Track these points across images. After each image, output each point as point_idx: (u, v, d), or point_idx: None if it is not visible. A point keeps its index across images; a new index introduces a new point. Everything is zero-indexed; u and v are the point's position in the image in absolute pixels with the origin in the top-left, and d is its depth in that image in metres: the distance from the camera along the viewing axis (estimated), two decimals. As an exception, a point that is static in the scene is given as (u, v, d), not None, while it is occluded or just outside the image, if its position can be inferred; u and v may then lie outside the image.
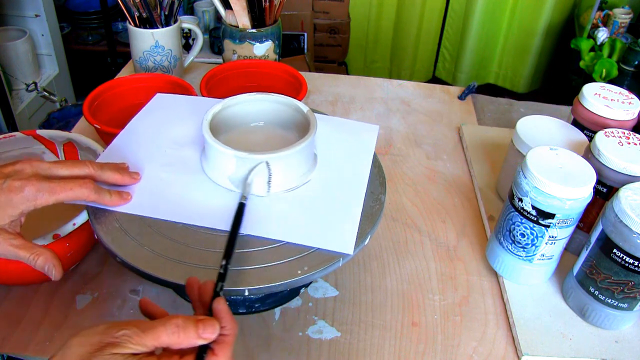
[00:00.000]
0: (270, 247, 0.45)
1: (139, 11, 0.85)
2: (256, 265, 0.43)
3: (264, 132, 0.57)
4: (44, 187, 0.43)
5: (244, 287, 0.42)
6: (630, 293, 0.50)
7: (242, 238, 0.45)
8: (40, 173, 0.44)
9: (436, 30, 2.37)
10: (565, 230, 0.53)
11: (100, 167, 0.47)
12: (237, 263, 0.43)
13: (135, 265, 0.43)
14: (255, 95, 0.56)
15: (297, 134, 0.55)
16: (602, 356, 0.52)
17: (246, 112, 0.56)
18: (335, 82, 1.00)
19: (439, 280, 0.60)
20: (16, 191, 0.42)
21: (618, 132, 0.57)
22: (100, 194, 0.46)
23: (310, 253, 0.45)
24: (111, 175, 0.47)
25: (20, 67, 1.87)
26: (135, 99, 0.80)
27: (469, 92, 0.96)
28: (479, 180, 0.74)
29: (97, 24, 2.25)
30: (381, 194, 0.52)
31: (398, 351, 0.52)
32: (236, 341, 0.52)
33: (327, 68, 2.26)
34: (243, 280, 0.42)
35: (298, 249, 0.45)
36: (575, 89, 0.71)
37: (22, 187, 0.42)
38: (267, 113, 0.57)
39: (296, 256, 0.44)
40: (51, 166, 0.45)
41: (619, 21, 1.83)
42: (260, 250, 0.45)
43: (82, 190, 0.44)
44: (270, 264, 0.44)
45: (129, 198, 0.48)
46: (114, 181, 0.48)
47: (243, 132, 0.57)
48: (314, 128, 0.51)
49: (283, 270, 0.43)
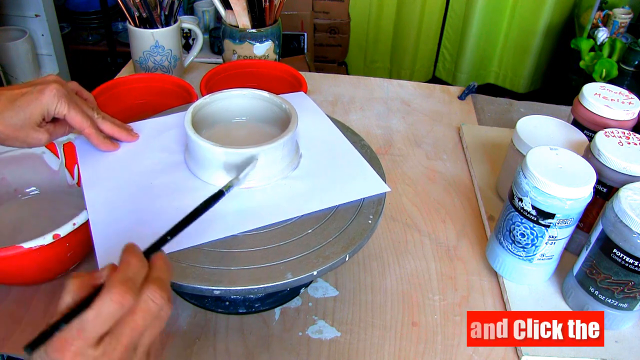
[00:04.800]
0: (270, 246, 0.45)
1: (139, 11, 0.85)
2: (256, 265, 0.43)
3: (246, 127, 0.57)
4: (64, 96, 0.50)
5: (244, 287, 0.42)
6: (630, 293, 0.50)
7: (245, 236, 0.45)
8: (61, 83, 0.51)
9: (436, 30, 2.37)
10: (565, 230, 0.53)
11: (102, 116, 0.54)
12: (237, 263, 0.43)
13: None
14: (235, 92, 0.56)
15: (279, 129, 0.55)
16: (602, 356, 0.52)
17: (227, 109, 0.57)
18: (335, 82, 1.00)
19: (439, 280, 0.60)
20: (41, 92, 0.49)
21: (618, 132, 0.57)
22: (97, 131, 0.53)
23: (311, 253, 0.45)
24: (110, 126, 0.54)
25: (21, 67, 1.87)
26: (135, 99, 0.80)
27: (469, 92, 0.96)
28: (479, 180, 0.74)
29: (97, 24, 2.24)
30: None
31: (398, 351, 0.52)
32: (236, 341, 0.52)
33: (327, 68, 2.26)
34: (243, 280, 0.42)
35: (298, 249, 0.45)
36: (575, 89, 0.71)
37: (43, 90, 0.49)
38: (248, 109, 0.57)
39: (296, 256, 0.44)
40: (69, 90, 0.51)
41: (619, 21, 1.82)
42: (260, 250, 0.45)
43: (86, 118, 0.51)
44: (270, 264, 0.44)
45: (118, 146, 0.54)
46: (111, 132, 0.54)
47: (225, 128, 0.57)
48: (296, 121, 0.51)
49: (283, 270, 0.43)
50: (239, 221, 0.47)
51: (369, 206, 0.50)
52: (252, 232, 0.46)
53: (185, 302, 0.55)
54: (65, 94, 0.50)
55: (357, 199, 0.50)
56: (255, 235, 0.46)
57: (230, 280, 0.42)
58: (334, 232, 0.47)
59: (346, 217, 0.49)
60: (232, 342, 0.52)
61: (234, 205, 0.48)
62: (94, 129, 0.52)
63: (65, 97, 0.50)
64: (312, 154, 0.55)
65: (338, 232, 0.47)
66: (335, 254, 0.45)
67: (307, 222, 0.48)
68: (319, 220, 0.48)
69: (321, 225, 0.48)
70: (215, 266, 0.43)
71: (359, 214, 0.49)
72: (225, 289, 0.42)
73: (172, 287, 0.42)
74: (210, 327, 0.53)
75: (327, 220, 0.48)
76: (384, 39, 2.39)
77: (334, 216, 0.49)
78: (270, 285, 0.42)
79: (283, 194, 0.50)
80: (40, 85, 0.49)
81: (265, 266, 0.43)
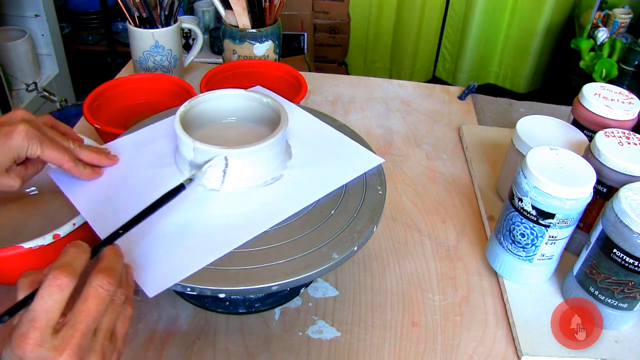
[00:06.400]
0: (270, 246, 0.45)
1: (139, 11, 0.85)
2: (256, 265, 0.43)
3: (237, 127, 0.57)
4: (35, 136, 0.46)
5: (244, 287, 0.42)
6: (630, 293, 0.50)
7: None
8: (30, 121, 0.47)
9: (436, 30, 2.37)
10: (565, 230, 0.53)
11: (79, 145, 0.50)
12: (237, 262, 0.43)
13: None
14: (227, 92, 0.56)
15: (271, 129, 0.54)
16: (602, 356, 0.52)
17: (220, 108, 0.57)
18: (335, 82, 1.00)
19: (439, 280, 0.60)
20: (7, 136, 0.45)
21: (618, 132, 0.57)
22: (76, 163, 0.49)
23: (311, 252, 0.45)
24: (88, 154, 0.51)
25: (20, 67, 1.87)
26: (135, 99, 0.80)
27: (469, 92, 0.96)
28: (479, 180, 0.74)
29: (97, 24, 2.25)
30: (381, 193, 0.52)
31: (398, 351, 0.52)
32: (236, 341, 0.52)
33: (327, 68, 2.26)
34: (243, 280, 0.42)
35: (298, 249, 0.45)
36: (575, 89, 0.71)
37: (11, 133, 0.45)
38: (241, 109, 0.57)
39: (296, 256, 0.44)
40: (42, 125, 0.48)
41: (619, 21, 1.83)
42: (260, 250, 0.45)
43: (63, 152, 0.48)
44: (270, 264, 0.44)
45: (101, 172, 0.52)
46: (90, 160, 0.51)
47: (217, 128, 0.57)
48: (285, 124, 0.51)
49: (283, 270, 0.43)
50: (246, 229, 0.46)
51: (366, 208, 0.50)
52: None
53: (186, 302, 0.55)
54: (36, 133, 0.46)
55: (357, 176, 0.53)
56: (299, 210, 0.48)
57: (231, 279, 0.42)
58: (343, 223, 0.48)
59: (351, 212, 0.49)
60: (232, 342, 0.52)
61: (236, 210, 0.48)
62: (73, 162, 0.49)
63: (35, 137, 0.45)
64: (300, 146, 0.56)
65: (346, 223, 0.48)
66: (333, 256, 0.45)
67: (307, 223, 0.48)
68: (321, 219, 0.48)
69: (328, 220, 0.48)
70: (213, 267, 0.43)
71: (358, 215, 0.49)
72: (229, 289, 0.42)
73: (181, 291, 0.42)
74: (210, 327, 0.53)
75: (333, 215, 0.48)
76: (384, 39, 2.39)
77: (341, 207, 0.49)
78: (274, 285, 0.42)
79: (280, 192, 0.50)
80: (6, 127, 0.45)
81: (265, 266, 0.43)
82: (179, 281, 0.42)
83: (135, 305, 0.55)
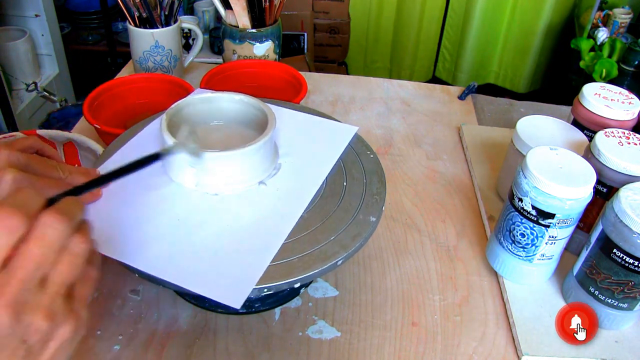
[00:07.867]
0: (305, 233, 0.46)
1: (139, 11, 0.85)
2: (294, 256, 0.44)
3: (224, 130, 0.57)
4: (25, 179, 0.40)
5: (311, 272, 0.43)
6: (630, 293, 0.50)
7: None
8: (17, 164, 0.41)
9: (436, 30, 2.37)
10: (565, 230, 0.53)
11: (70, 172, 0.45)
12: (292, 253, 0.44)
13: (135, 265, 0.43)
14: (214, 95, 0.56)
15: (258, 132, 0.54)
16: (602, 356, 0.52)
17: (207, 111, 0.56)
18: (335, 82, 1.00)
19: (439, 280, 0.60)
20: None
21: (618, 132, 0.57)
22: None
23: (311, 252, 0.45)
24: (79, 179, 0.46)
25: (20, 67, 1.87)
26: (135, 99, 0.80)
27: (469, 92, 0.96)
28: (479, 180, 0.74)
29: (97, 24, 2.25)
30: (381, 193, 0.52)
31: (398, 351, 0.52)
32: (236, 341, 0.52)
33: (327, 68, 2.26)
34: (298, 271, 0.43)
35: (298, 249, 0.45)
36: (575, 89, 0.71)
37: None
38: (228, 112, 0.57)
39: (296, 256, 0.44)
40: (29, 160, 0.42)
41: (619, 21, 1.83)
42: (298, 238, 0.45)
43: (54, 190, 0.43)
44: (270, 264, 0.44)
45: (100, 194, 0.48)
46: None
47: (203, 131, 0.56)
48: (271, 130, 0.50)
49: (283, 270, 0.43)
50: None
51: (367, 206, 0.50)
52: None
53: (186, 302, 0.55)
54: (25, 176, 0.40)
55: (340, 152, 0.55)
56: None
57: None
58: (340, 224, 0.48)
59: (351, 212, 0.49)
60: (232, 342, 0.52)
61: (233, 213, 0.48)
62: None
63: (25, 179, 0.40)
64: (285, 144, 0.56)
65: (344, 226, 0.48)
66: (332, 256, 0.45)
67: (306, 223, 0.48)
68: (323, 217, 0.48)
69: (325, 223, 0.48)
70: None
71: (358, 214, 0.49)
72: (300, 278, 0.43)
73: (172, 287, 0.42)
74: (210, 327, 0.53)
75: (332, 215, 0.49)
76: (384, 39, 2.39)
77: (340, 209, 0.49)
78: (273, 285, 0.42)
79: (280, 186, 0.51)
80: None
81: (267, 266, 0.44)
82: (255, 284, 0.42)
83: (135, 305, 0.55)
